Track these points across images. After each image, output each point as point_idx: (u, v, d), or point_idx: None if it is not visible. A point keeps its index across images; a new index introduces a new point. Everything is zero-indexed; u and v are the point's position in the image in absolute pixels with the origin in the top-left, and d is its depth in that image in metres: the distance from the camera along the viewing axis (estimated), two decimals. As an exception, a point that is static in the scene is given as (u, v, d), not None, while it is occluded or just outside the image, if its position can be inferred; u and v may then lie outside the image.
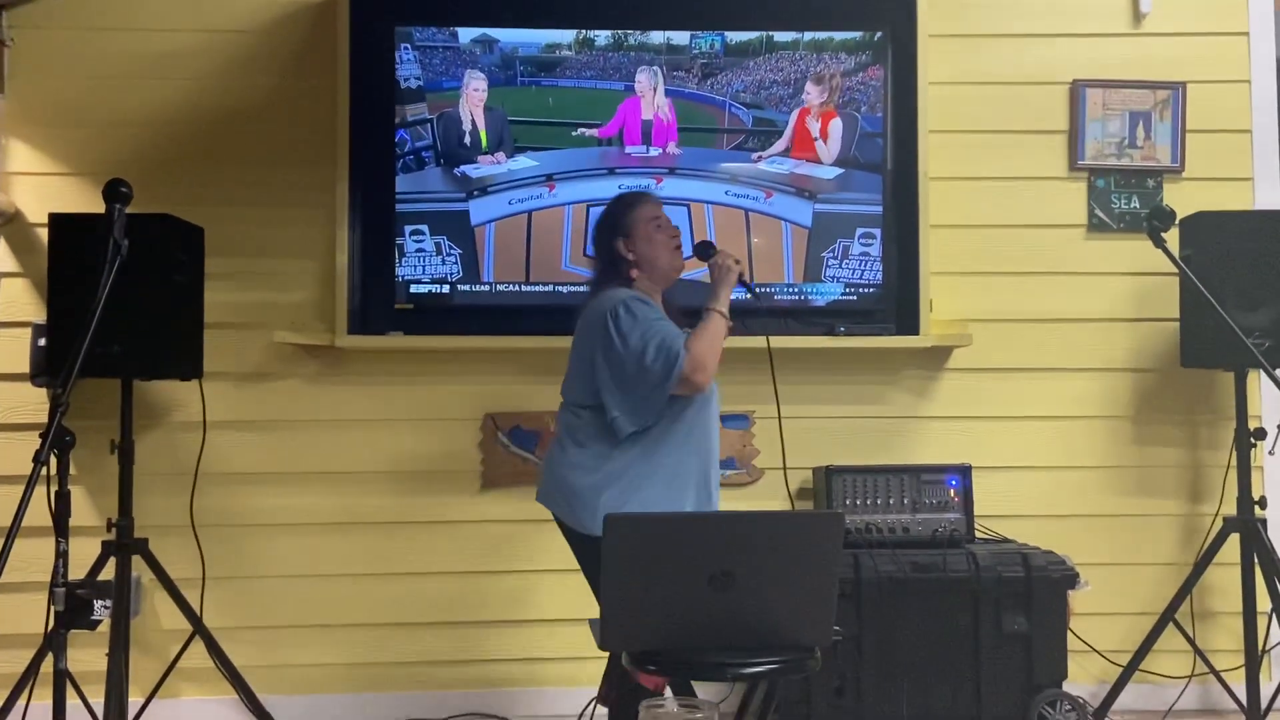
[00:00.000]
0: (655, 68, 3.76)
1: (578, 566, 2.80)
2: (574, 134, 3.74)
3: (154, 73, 3.78)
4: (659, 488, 2.66)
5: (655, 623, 2.09)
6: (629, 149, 3.76)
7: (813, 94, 3.78)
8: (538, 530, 3.73)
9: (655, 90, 3.76)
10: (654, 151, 3.76)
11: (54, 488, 2.29)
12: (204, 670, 3.54)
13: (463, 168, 3.73)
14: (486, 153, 3.74)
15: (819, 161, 3.80)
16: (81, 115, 3.75)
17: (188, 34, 3.79)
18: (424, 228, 3.72)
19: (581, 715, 3.49)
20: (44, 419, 2.30)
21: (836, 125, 3.80)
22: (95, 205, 2.49)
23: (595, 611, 2.21)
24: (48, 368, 3.38)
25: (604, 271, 2.88)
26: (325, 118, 3.73)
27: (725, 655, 2.11)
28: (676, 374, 2.58)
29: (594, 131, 3.74)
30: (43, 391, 3.60)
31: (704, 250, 2.81)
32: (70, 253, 3.26)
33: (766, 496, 3.81)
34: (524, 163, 3.74)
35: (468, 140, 3.73)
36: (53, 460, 2.24)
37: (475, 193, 3.73)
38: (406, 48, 3.71)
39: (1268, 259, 3.52)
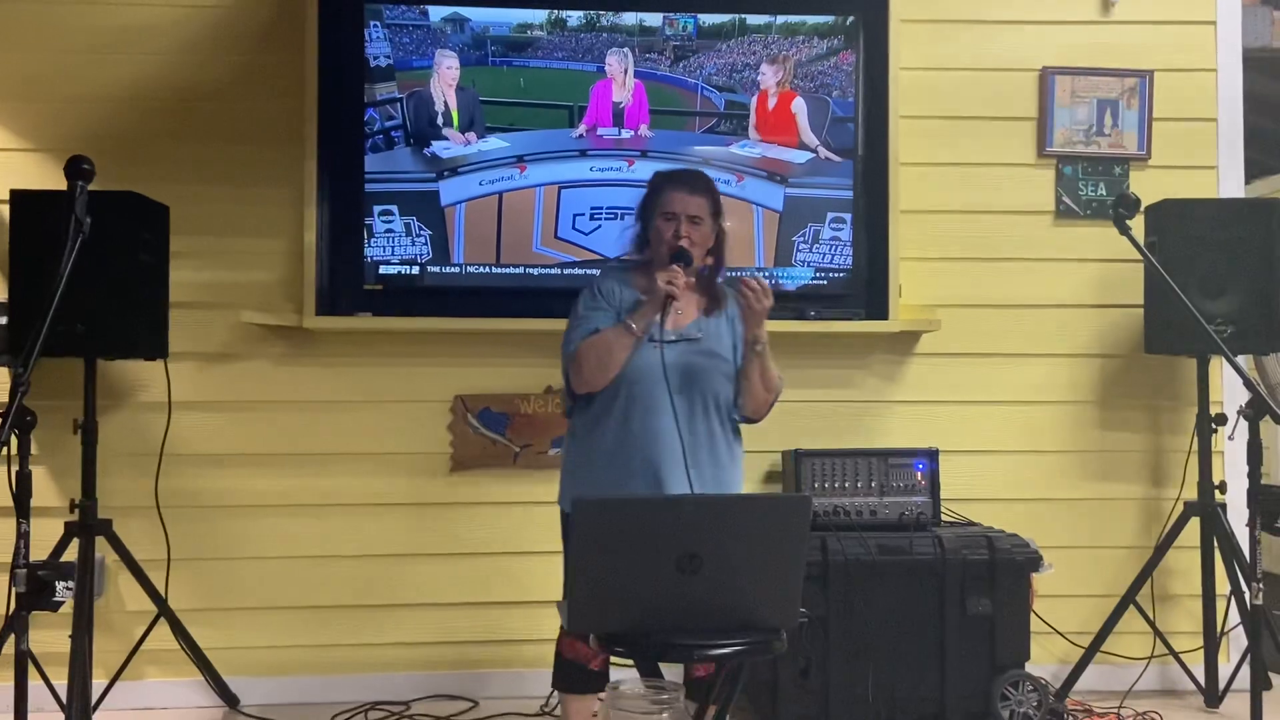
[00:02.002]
0: (626, 49, 3.75)
1: (545, 548, 2.82)
2: (564, 114, 3.74)
3: (118, 48, 3.72)
4: (597, 472, 2.72)
5: (623, 605, 2.10)
6: (601, 131, 3.74)
7: (768, 74, 3.77)
8: (507, 512, 3.74)
9: (626, 73, 3.75)
10: (626, 134, 3.75)
11: (15, 468, 2.26)
12: (169, 652, 3.53)
13: (433, 147, 3.70)
14: (457, 133, 3.71)
15: (790, 145, 3.80)
16: (44, 90, 3.69)
17: (153, 8, 3.74)
18: (393, 208, 3.69)
19: (550, 696, 3.51)
20: (4, 398, 2.27)
21: (800, 105, 3.80)
22: (57, 182, 2.45)
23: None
24: (9, 346, 3.33)
25: (633, 239, 2.90)
26: (293, 95, 3.68)
27: (692, 637, 2.12)
28: (565, 369, 2.75)
29: (580, 125, 3.73)
30: (3, 370, 3.54)
31: (674, 259, 2.69)
32: (32, 230, 3.22)
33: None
34: (495, 144, 3.72)
35: (439, 120, 3.70)
36: (13, 440, 2.21)
37: (445, 173, 3.71)
38: (376, 25, 3.68)
39: (1231, 247, 3.57)
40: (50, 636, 3.24)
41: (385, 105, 3.69)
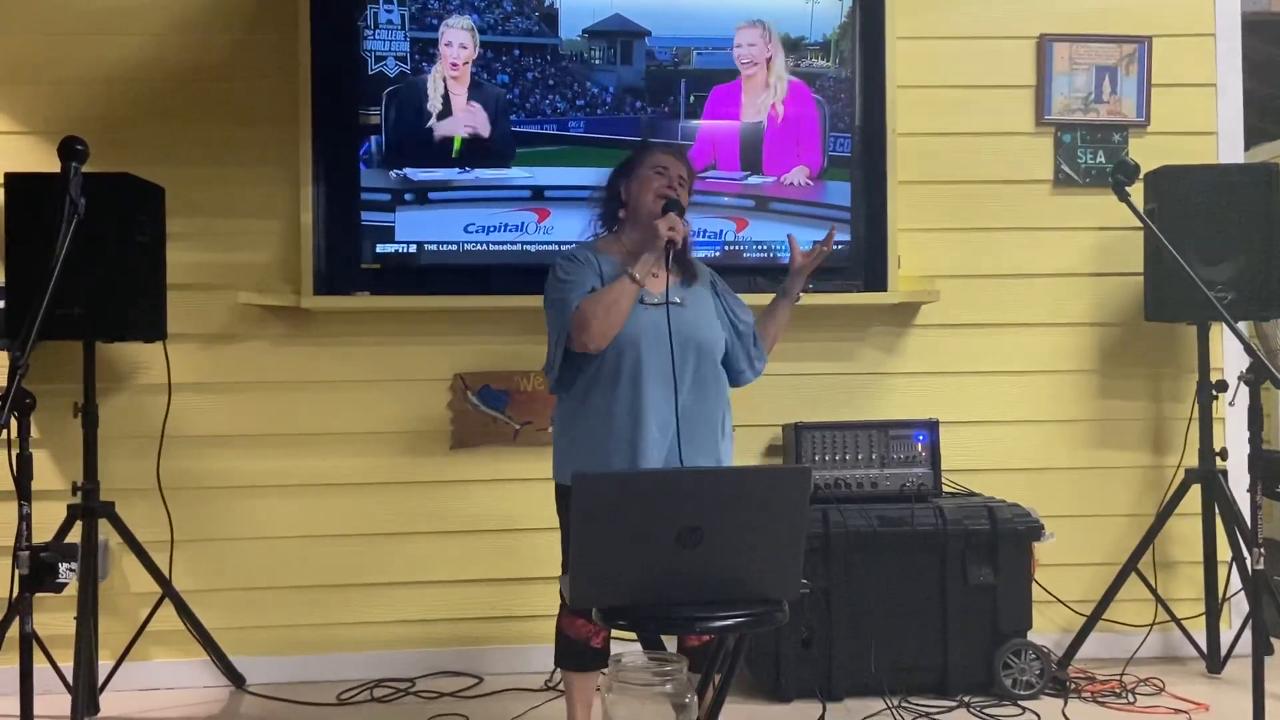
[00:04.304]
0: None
1: (546, 524, 2.82)
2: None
3: (111, 28, 3.69)
4: (592, 445, 2.70)
5: (625, 579, 2.11)
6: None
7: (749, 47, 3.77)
8: (508, 489, 3.75)
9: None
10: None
11: (15, 450, 2.26)
12: (174, 633, 3.54)
13: (405, 171, 3.64)
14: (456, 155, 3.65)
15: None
16: (36, 72, 3.67)
17: (145, -12, 3.71)
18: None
19: (554, 672, 3.52)
20: (3, 381, 2.27)
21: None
22: (52, 165, 2.43)
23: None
24: (7, 330, 3.33)
25: (600, 212, 2.91)
26: (288, 74, 3.66)
27: (694, 609, 2.13)
28: (563, 332, 2.67)
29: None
30: (2, 354, 3.54)
31: (666, 209, 2.73)
32: (27, 213, 3.21)
33: (736, 453, 3.80)
34: (515, 171, 3.66)
35: (429, 126, 3.63)
36: (13, 423, 2.21)
37: (409, 198, 3.63)
38: (372, 4, 3.64)
39: (1231, 213, 3.55)
40: (55, 619, 3.25)
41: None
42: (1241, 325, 3.22)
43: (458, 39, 3.66)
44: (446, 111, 3.66)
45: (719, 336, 2.82)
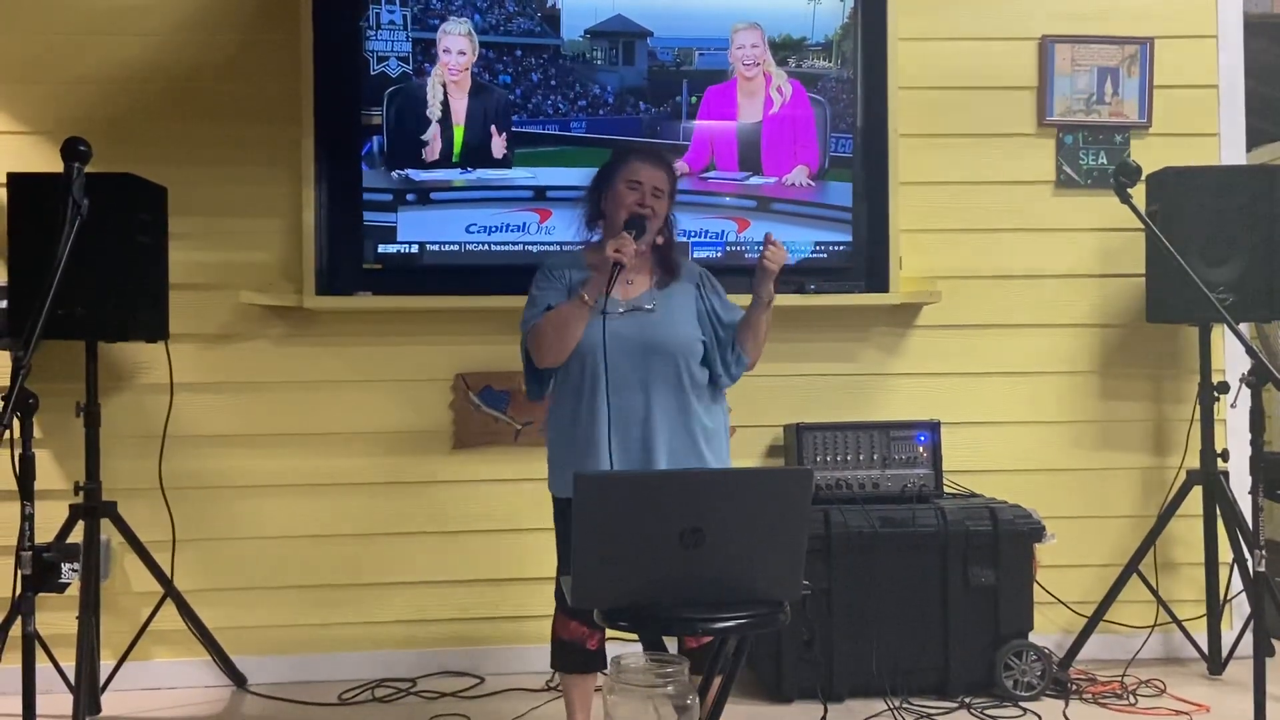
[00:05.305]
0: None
1: (548, 525, 2.82)
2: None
3: (113, 28, 3.70)
4: (568, 453, 2.74)
5: (626, 580, 2.11)
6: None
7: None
8: (509, 490, 3.75)
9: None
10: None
11: (18, 451, 2.26)
12: (176, 632, 3.55)
13: (406, 171, 3.64)
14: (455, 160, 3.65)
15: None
16: (40, 72, 3.67)
17: (147, -12, 3.72)
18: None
19: (555, 673, 3.52)
20: (5, 382, 2.28)
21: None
22: (55, 165, 2.43)
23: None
24: (9, 330, 3.33)
25: (583, 215, 2.92)
26: (290, 74, 3.66)
27: (696, 611, 2.13)
28: (524, 346, 2.80)
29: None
30: (4, 354, 3.54)
31: (627, 226, 2.73)
32: (30, 213, 3.21)
33: (739, 454, 3.81)
34: (517, 172, 3.67)
35: (429, 128, 3.64)
36: (16, 423, 2.21)
37: (411, 198, 3.64)
38: (373, 4, 3.64)
39: (1233, 214, 3.55)
40: (57, 618, 3.25)
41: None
42: (1243, 327, 3.23)
43: (456, 46, 3.66)
44: (446, 115, 3.66)
45: (692, 339, 2.80)
